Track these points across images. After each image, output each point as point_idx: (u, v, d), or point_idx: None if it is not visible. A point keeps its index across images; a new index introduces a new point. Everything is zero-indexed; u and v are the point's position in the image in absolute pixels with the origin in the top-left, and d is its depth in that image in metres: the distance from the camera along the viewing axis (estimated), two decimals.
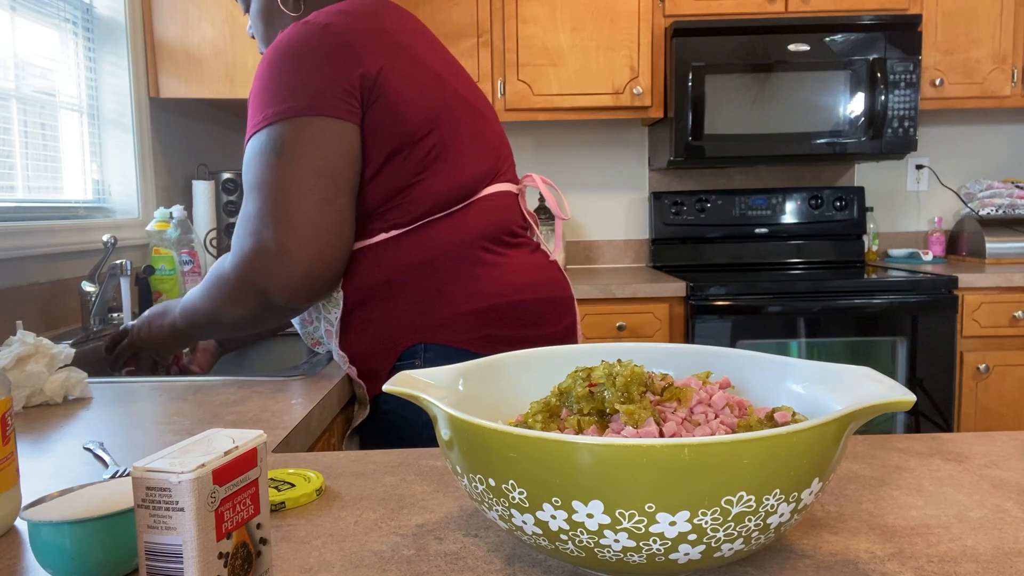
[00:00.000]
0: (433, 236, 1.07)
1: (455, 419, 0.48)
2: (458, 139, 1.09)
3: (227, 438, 0.48)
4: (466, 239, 1.08)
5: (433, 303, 1.07)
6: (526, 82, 2.65)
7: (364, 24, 1.05)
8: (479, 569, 0.53)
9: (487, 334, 1.07)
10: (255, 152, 1.01)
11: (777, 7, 2.66)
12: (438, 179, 1.06)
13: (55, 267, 1.61)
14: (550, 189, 1.23)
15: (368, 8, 1.09)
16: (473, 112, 1.13)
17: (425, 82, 1.07)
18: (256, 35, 1.23)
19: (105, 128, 1.99)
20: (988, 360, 2.45)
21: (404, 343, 1.07)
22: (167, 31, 2.04)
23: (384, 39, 1.05)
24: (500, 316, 1.08)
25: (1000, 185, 2.95)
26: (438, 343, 1.07)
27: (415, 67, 1.07)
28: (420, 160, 1.05)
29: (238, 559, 0.46)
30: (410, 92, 1.04)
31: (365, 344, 1.09)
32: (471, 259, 1.08)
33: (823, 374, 0.57)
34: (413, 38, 1.11)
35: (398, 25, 1.10)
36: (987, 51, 2.69)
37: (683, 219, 2.96)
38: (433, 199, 1.06)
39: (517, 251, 1.14)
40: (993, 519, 0.59)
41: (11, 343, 0.99)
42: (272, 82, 1.01)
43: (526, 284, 1.11)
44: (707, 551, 0.45)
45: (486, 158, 1.13)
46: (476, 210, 1.10)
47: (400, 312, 1.07)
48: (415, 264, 1.06)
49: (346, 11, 1.06)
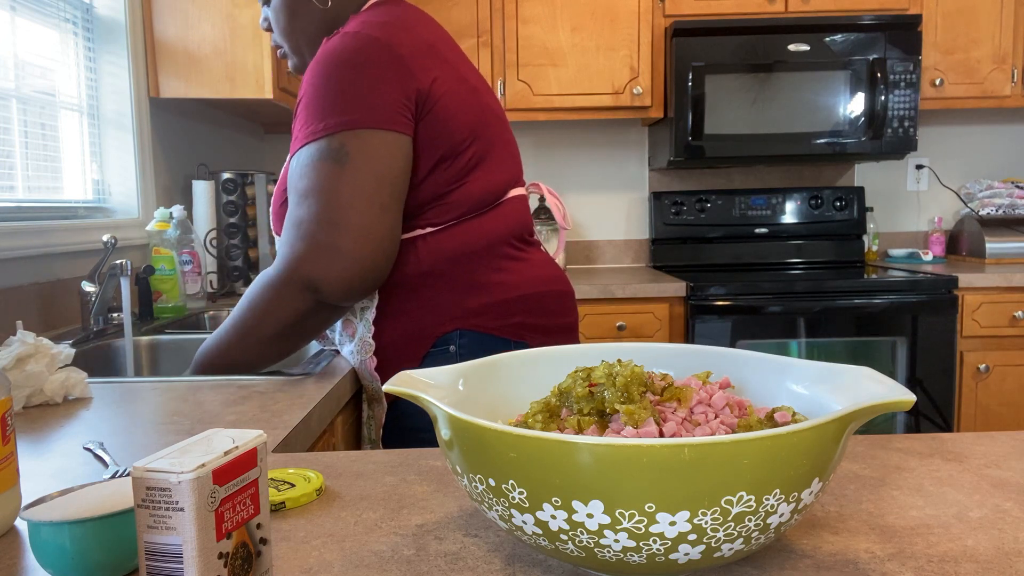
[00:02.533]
0: (468, 233, 1.13)
1: (455, 419, 0.48)
2: (493, 148, 1.16)
3: (227, 438, 0.48)
4: (497, 236, 1.15)
5: (468, 293, 1.13)
6: (526, 82, 2.65)
7: (414, 37, 1.10)
8: (479, 569, 0.53)
9: (517, 321, 1.16)
10: (312, 159, 1.04)
11: (777, 7, 2.66)
12: (475, 185, 1.13)
13: (55, 267, 1.61)
14: (553, 198, 1.34)
15: (410, 20, 1.13)
16: (500, 122, 1.21)
17: (466, 96, 1.13)
18: (275, 27, 1.21)
19: (105, 128, 1.99)
20: (988, 360, 2.45)
21: (440, 330, 1.13)
22: (167, 31, 2.04)
23: (430, 53, 1.11)
24: (528, 305, 1.17)
25: (1000, 185, 2.95)
26: (473, 329, 1.13)
27: (457, 81, 1.13)
28: (462, 168, 1.12)
29: (238, 559, 0.46)
30: (455, 106, 1.10)
31: (399, 333, 1.14)
32: (501, 254, 1.16)
33: (823, 374, 0.57)
34: (452, 51, 1.17)
35: (438, 37, 1.16)
36: (987, 51, 2.69)
37: (683, 219, 2.96)
38: (470, 202, 1.13)
39: (533, 249, 1.24)
40: (993, 519, 0.59)
41: (11, 343, 0.99)
42: (329, 93, 1.04)
43: (548, 277, 1.21)
44: (707, 551, 0.45)
45: (512, 164, 1.22)
46: (503, 211, 1.18)
47: (437, 301, 1.13)
48: (451, 257, 1.12)
49: (390, 23, 1.09)
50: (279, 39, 1.22)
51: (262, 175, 2.26)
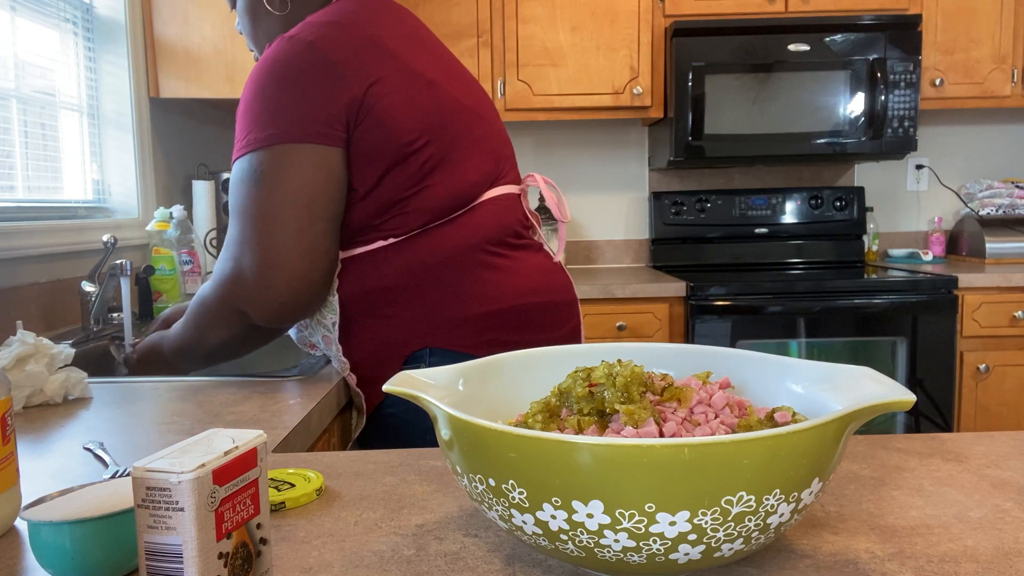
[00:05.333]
0: (435, 242, 1.06)
1: (455, 419, 0.48)
2: (456, 147, 1.07)
3: (227, 438, 0.48)
4: (469, 243, 1.07)
5: (438, 307, 1.06)
6: (526, 82, 2.65)
7: (353, 37, 1.03)
8: (479, 569, 0.53)
9: (493, 338, 1.07)
10: (237, 179, 1.03)
11: (777, 7, 2.66)
12: (437, 189, 1.05)
13: (55, 267, 1.61)
14: (551, 190, 1.22)
15: (359, 16, 1.06)
16: (471, 116, 1.12)
17: (417, 93, 1.05)
18: (243, 31, 1.21)
19: (105, 128, 1.99)
20: (988, 360, 2.45)
21: (408, 348, 1.07)
22: (167, 31, 2.04)
23: (373, 53, 1.03)
24: (506, 320, 1.08)
25: (1000, 185, 2.95)
26: (443, 347, 1.06)
27: (407, 78, 1.05)
28: (416, 172, 1.04)
29: (238, 559, 0.46)
30: (401, 106, 1.03)
31: (368, 350, 1.09)
32: (475, 263, 1.07)
33: (823, 374, 0.57)
34: (406, 44, 1.08)
35: (391, 31, 1.08)
36: (987, 51, 2.69)
37: (683, 219, 2.96)
38: (433, 208, 1.05)
39: (522, 253, 1.14)
40: (993, 519, 0.59)
41: (11, 343, 0.99)
42: (256, 104, 1.01)
43: (532, 288, 1.11)
44: (707, 551, 0.45)
45: (486, 162, 1.11)
46: (478, 214, 1.09)
47: (403, 317, 1.07)
48: (417, 269, 1.06)
49: (336, 22, 1.03)
50: (249, 43, 1.22)
51: None
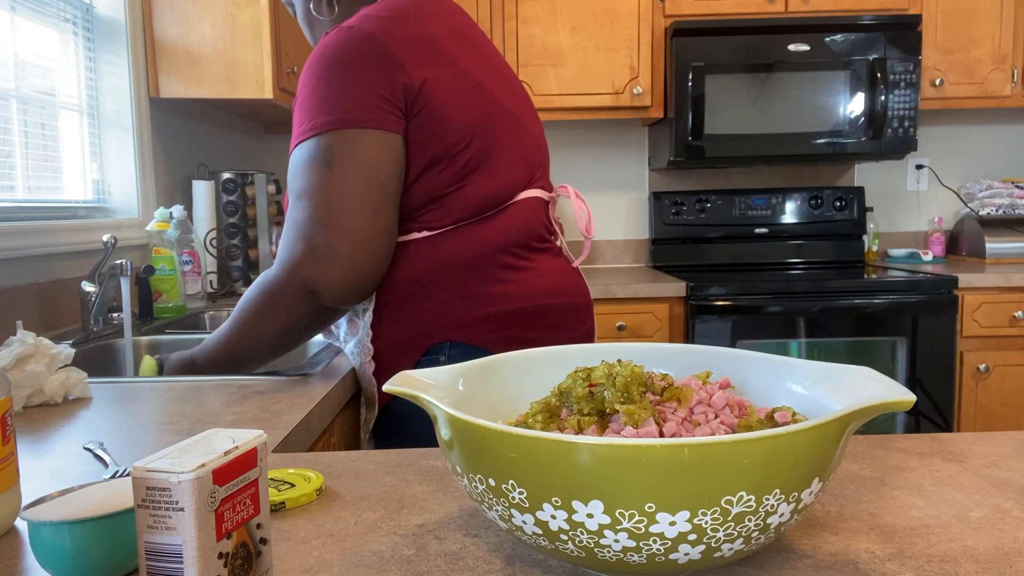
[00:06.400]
0: (464, 239, 1.10)
1: (455, 419, 0.48)
2: (495, 150, 1.11)
3: (227, 438, 0.47)
4: (496, 244, 1.11)
5: (462, 302, 1.10)
6: (526, 82, 2.65)
7: (408, 32, 1.06)
8: (479, 569, 0.53)
9: (511, 336, 1.11)
10: (304, 161, 1.03)
11: (777, 7, 2.66)
12: (475, 188, 1.09)
13: (55, 267, 1.61)
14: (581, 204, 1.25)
15: (411, 12, 1.09)
16: (512, 121, 1.16)
17: (466, 93, 1.09)
18: (308, 39, 1.28)
19: (105, 128, 1.99)
20: (988, 360, 2.45)
21: (430, 340, 1.11)
22: (167, 31, 2.04)
23: (427, 48, 1.07)
24: (525, 319, 1.12)
25: (1000, 185, 2.95)
26: (463, 342, 1.10)
27: (457, 77, 1.08)
28: (458, 170, 1.08)
29: (238, 559, 0.46)
30: (452, 104, 1.06)
31: (392, 340, 1.12)
32: (500, 263, 1.11)
33: (823, 374, 0.57)
34: (456, 43, 1.12)
35: (442, 29, 1.11)
36: (987, 51, 2.69)
37: (683, 219, 2.96)
38: (468, 206, 1.09)
39: (543, 256, 1.18)
40: (993, 519, 0.59)
41: (11, 343, 0.99)
42: (319, 90, 1.03)
43: (551, 289, 1.15)
44: (707, 551, 0.45)
45: (520, 167, 1.16)
46: (507, 216, 1.13)
47: (429, 310, 1.10)
48: (445, 265, 1.09)
49: (389, 17, 1.07)
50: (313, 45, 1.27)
51: (262, 175, 2.26)
